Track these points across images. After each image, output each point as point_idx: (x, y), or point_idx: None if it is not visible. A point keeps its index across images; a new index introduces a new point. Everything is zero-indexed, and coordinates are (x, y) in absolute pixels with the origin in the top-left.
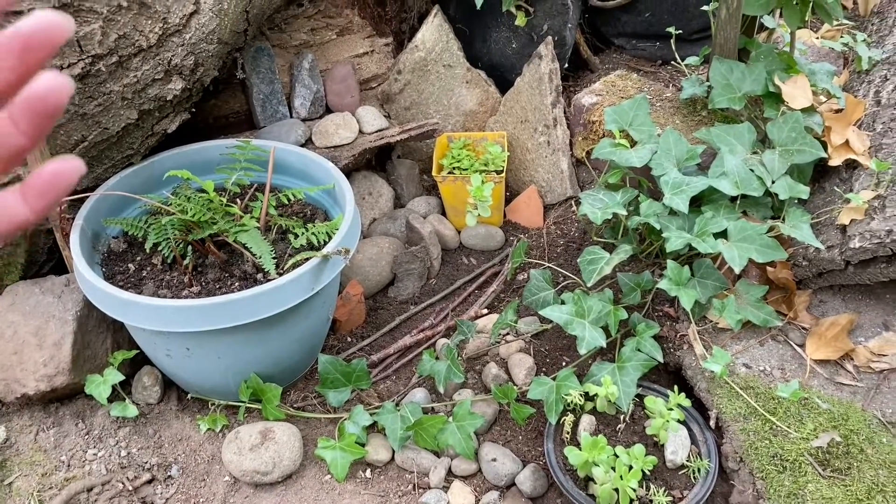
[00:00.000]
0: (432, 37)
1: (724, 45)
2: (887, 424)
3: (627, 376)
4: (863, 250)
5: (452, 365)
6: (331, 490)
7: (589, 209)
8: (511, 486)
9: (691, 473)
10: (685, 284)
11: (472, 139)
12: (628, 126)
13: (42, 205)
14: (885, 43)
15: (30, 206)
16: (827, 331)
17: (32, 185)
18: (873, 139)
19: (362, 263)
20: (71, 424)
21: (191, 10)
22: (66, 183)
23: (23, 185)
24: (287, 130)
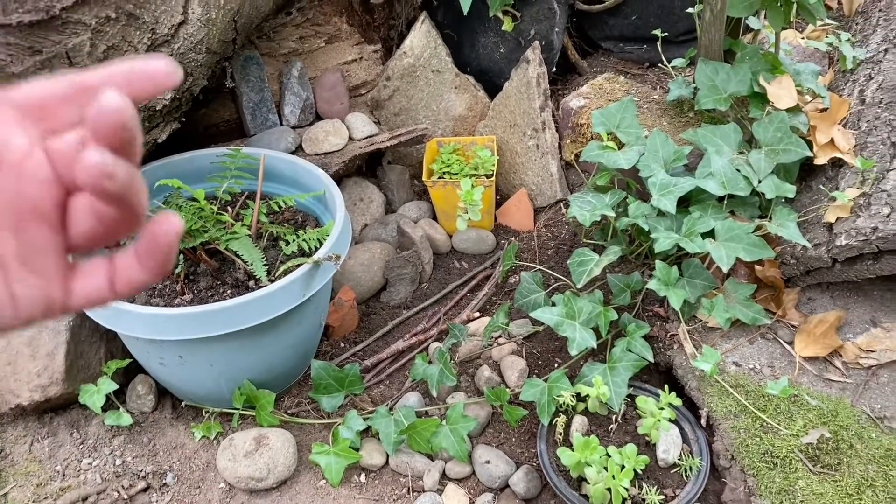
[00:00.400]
0: (420, 43)
1: (709, 46)
2: (876, 420)
3: (618, 376)
4: (849, 248)
5: (445, 368)
6: (326, 495)
7: (578, 211)
8: (505, 488)
9: (683, 472)
10: (674, 284)
11: (462, 144)
12: (616, 128)
13: (155, 266)
14: (869, 42)
15: (144, 267)
16: (815, 328)
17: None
18: (858, 137)
19: (354, 269)
20: (65, 434)
21: (179, 21)
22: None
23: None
24: (277, 138)
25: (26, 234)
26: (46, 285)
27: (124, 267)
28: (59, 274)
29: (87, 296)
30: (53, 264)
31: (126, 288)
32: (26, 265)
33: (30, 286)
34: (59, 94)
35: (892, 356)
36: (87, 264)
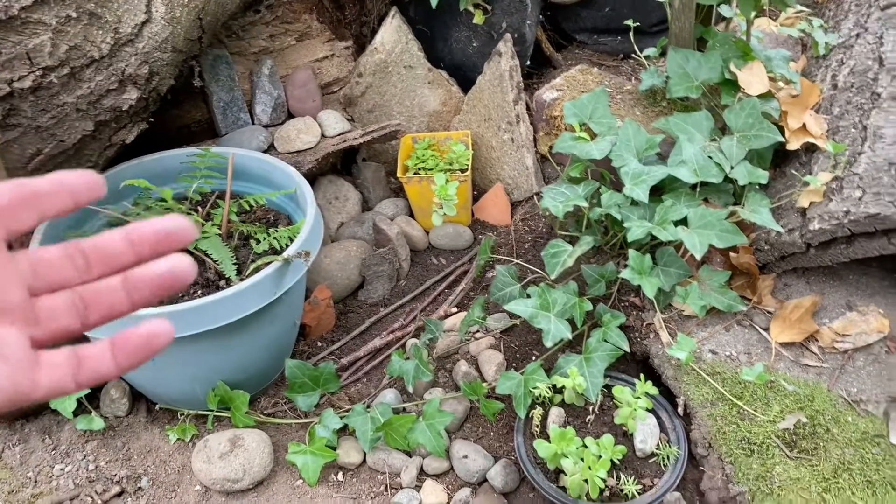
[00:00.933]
0: (391, 38)
1: (680, 34)
2: (852, 403)
3: (594, 367)
4: (822, 232)
5: (420, 364)
6: (303, 495)
7: (550, 203)
8: (483, 482)
9: (661, 461)
10: (648, 273)
11: (437, 139)
12: (588, 119)
13: (129, 364)
14: (841, 28)
15: (116, 362)
16: (791, 313)
17: (124, 345)
18: (831, 122)
19: (330, 268)
20: (37, 440)
21: (142, 19)
22: (158, 347)
23: (113, 341)
24: (248, 137)
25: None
26: (15, 375)
27: (92, 358)
28: (26, 365)
29: (51, 386)
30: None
31: (91, 380)
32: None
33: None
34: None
35: (867, 339)
36: (52, 355)
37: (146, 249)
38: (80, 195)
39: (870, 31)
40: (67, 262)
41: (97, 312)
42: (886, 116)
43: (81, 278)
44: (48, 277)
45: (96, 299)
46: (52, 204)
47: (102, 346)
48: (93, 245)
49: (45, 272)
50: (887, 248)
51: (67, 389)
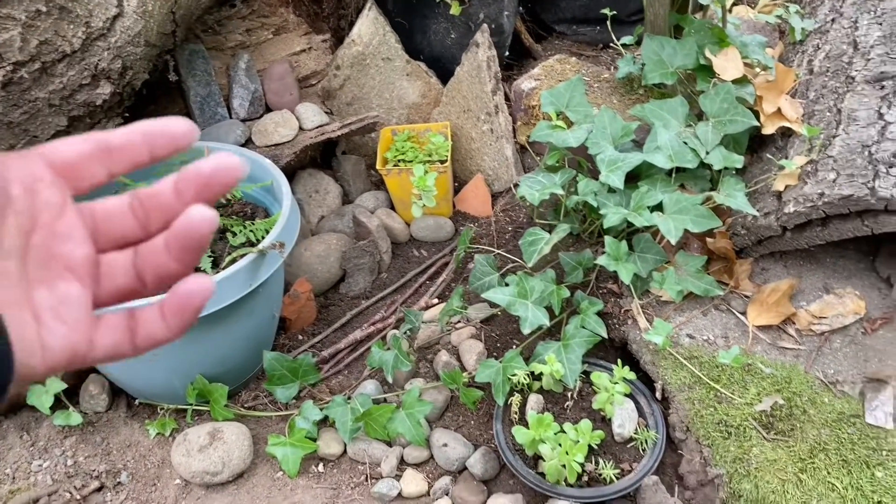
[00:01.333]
0: (368, 30)
1: (655, 21)
2: (829, 385)
3: (572, 353)
4: (797, 214)
5: (400, 354)
6: (283, 486)
7: (527, 191)
8: (463, 471)
9: (639, 445)
10: (624, 259)
11: (416, 131)
12: (565, 108)
13: (179, 324)
14: (817, 13)
15: (167, 324)
16: (768, 297)
17: (170, 305)
18: (807, 106)
19: (310, 261)
20: (15, 437)
21: (114, 13)
22: (199, 303)
23: (161, 303)
24: (226, 131)
25: (58, 288)
26: (73, 336)
27: (147, 322)
28: (85, 326)
29: (108, 349)
30: (81, 317)
31: (147, 343)
32: (57, 317)
33: (58, 336)
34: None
35: (843, 321)
36: (110, 318)
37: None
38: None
39: (845, 15)
40: (130, 213)
41: (151, 273)
42: (860, 99)
43: (143, 232)
44: (112, 231)
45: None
46: (125, 159)
47: (154, 309)
48: (148, 195)
49: (109, 226)
50: (861, 230)
51: (125, 353)
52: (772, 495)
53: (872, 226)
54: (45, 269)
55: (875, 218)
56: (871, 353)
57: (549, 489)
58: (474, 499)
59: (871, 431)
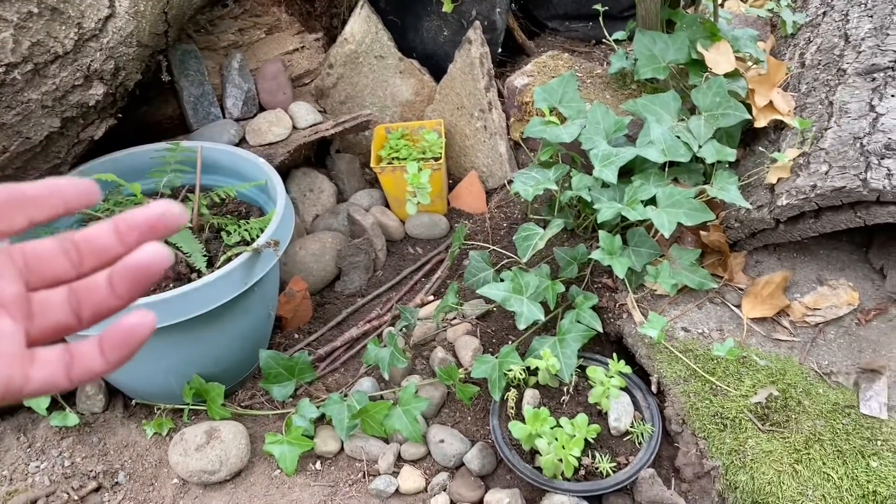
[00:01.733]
0: (361, 29)
1: (646, 16)
2: (823, 376)
3: (568, 348)
4: (790, 207)
5: (396, 351)
6: (281, 484)
7: (521, 187)
8: (460, 466)
9: (636, 439)
10: (618, 254)
11: (410, 129)
12: (558, 103)
13: (117, 357)
14: (808, 6)
15: (105, 358)
16: (762, 289)
17: (110, 338)
18: (798, 99)
19: (305, 259)
20: (12, 439)
21: (106, 14)
22: (141, 338)
23: (100, 336)
24: (220, 131)
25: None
26: (8, 370)
27: (84, 355)
28: (19, 361)
29: (43, 383)
30: (16, 351)
31: (84, 376)
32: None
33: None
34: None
35: (837, 312)
36: (45, 352)
37: (134, 239)
38: (72, 202)
39: (836, 8)
40: (62, 255)
41: (89, 309)
42: (852, 92)
43: (76, 272)
44: (43, 271)
45: (87, 296)
46: (43, 208)
47: (91, 342)
48: (83, 237)
49: (39, 266)
50: (854, 221)
51: (60, 386)
52: (768, 486)
53: (865, 217)
54: None
55: (867, 209)
56: (865, 344)
57: (546, 483)
58: (472, 494)
59: (866, 422)
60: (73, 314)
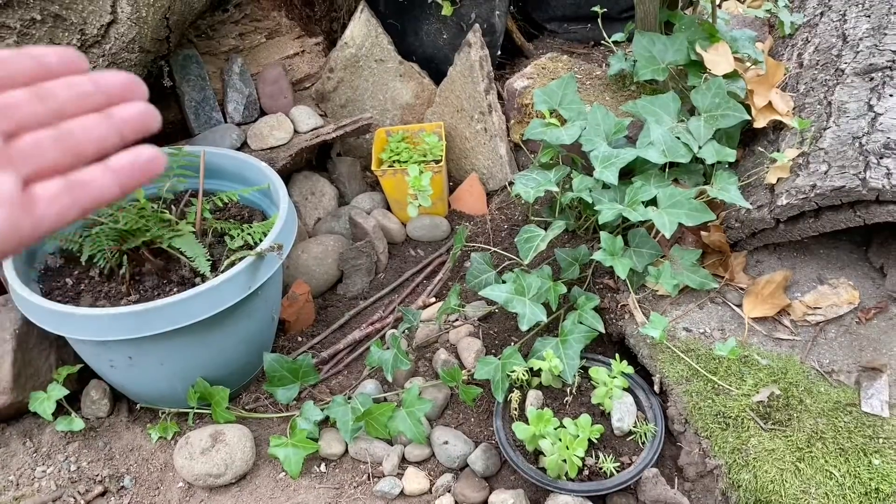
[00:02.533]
0: (361, 32)
1: (645, 18)
2: (825, 374)
3: (570, 349)
4: (790, 207)
5: (399, 353)
6: (286, 487)
7: (522, 188)
8: (464, 468)
9: (639, 438)
10: (619, 255)
11: (410, 132)
12: (557, 105)
13: (130, 184)
14: (806, 7)
15: (119, 182)
16: (763, 289)
17: (123, 165)
18: (797, 99)
19: (308, 263)
20: (18, 444)
21: (108, 20)
22: (155, 171)
23: (108, 163)
24: (221, 136)
25: None
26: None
27: (92, 181)
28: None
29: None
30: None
31: (94, 202)
32: None
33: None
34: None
35: (838, 311)
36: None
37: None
38: (52, 65)
39: (833, 9)
40: (34, 100)
41: (89, 144)
42: (850, 91)
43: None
44: (17, 117)
45: (83, 131)
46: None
47: (99, 168)
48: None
49: (12, 112)
50: (853, 221)
51: (72, 217)
52: (770, 484)
53: (864, 216)
54: None
55: (867, 208)
56: (866, 342)
57: (550, 484)
58: (476, 495)
59: (868, 419)
60: (69, 153)
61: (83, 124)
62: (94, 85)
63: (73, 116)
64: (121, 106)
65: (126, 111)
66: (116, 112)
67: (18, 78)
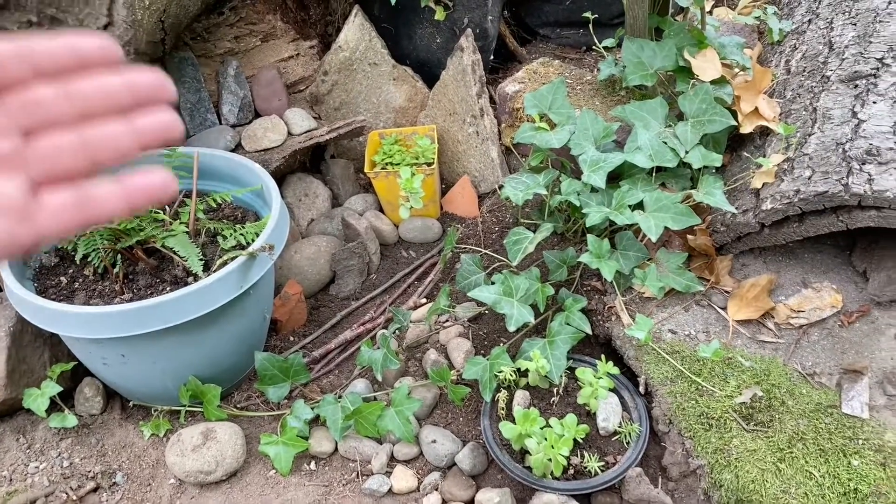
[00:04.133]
0: (355, 36)
1: (634, 24)
2: (807, 376)
3: (557, 350)
4: (774, 211)
5: (388, 353)
6: (276, 484)
7: (511, 191)
8: (452, 466)
9: (623, 438)
10: (606, 257)
11: (403, 134)
12: (547, 109)
13: (140, 203)
14: (794, 14)
15: (128, 201)
16: (748, 292)
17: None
18: (784, 106)
19: (300, 263)
20: (11, 440)
21: (104, 23)
22: (170, 196)
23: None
24: (216, 137)
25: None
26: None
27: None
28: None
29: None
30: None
31: (100, 217)
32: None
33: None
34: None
35: (821, 314)
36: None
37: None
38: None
39: (821, 16)
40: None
41: (106, 152)
42: (835, 98)
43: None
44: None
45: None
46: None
47: (111, 186)
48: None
49: (38, 110)
50: (836, 225)
51: (73, 230)
52: (751, 484)
53: (847, 221)
54: None
55: (849, 213)
56: (848, 345)
57: (535, 482)
58: (463, 493)
59: (848, 421)
60: (85, 157)
61: (105, 133)
62: (123, 83)
63: (98, 118)
64: (146, 113)
65: (150, 121)
66: (140, 120)
67: (51, 69)
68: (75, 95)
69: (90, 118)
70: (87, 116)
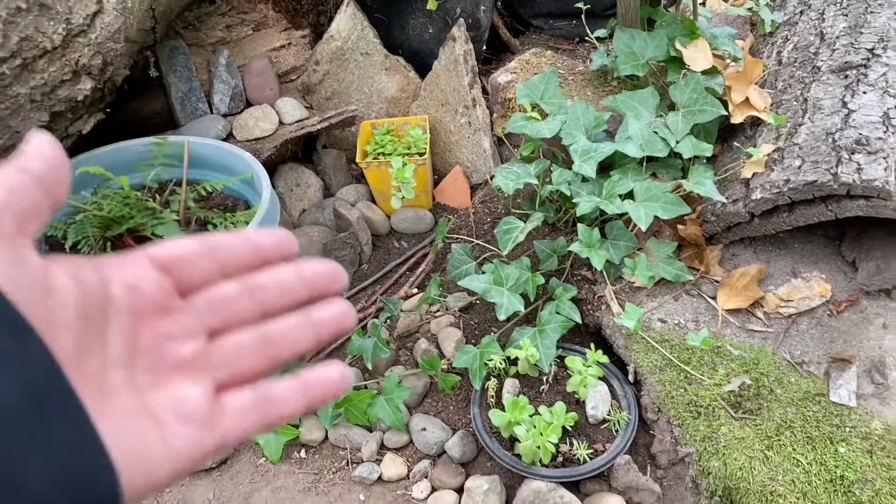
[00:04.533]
0: (347, 26)
1: (626, 14)
2: (796, 365)
3: (547, 338)
4: (764, 201)
5: (379, 341)
6: (265, 472)
7: (502, 181)
8: (442, 454)
9: (612, 426)
10: (596, 246)
11: (395, 125)
12: (539, 99)
13: (318, 403)
14: (786, 5)
15: (307, 402)
16: (737, 281)
17: (315, 384)
18: (775, 96)
19: None
20: None
21: (94, 10)
22: (342, 389)
23: (303, 379)
24: (207, 126)
25: (173, 389)
26: (198, 437)
27: (281, 399)
28: (208, 422)
29: (240, 437)
30: (203, 414)
31: (280, 421)
32: (180, 418)
33: (186, 438)
34: (194, 249)
35: (810, 304)
36: (236, 401)
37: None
38: (268, 252)
39: (813, 7)
40: (245, 296)
41: (286, 349)
42: (825, 88)
43: (259, 311)
44: (226, 313)
45: (282, 336)
46: (231, 254)
47: (290, 384)
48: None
49: (222, 308)
50: (825, 215)
51: (254, 434)
52: (739, 472)
53: (836, 211)
54: (155, 372)
55: (838, 203)
56: (837, 335)
57: (524, 470)
58: (453, 481)
59: (835, 409)
60: (265, 356)
61: (285, 328)
62: (297, 277)
63: (276, 313)
64: (321, 306)
65: (325, 313)
66: (316, 313)
67: (234, 266)
68: (256, 291)
69: (269, 313)
70: (266, 312)
